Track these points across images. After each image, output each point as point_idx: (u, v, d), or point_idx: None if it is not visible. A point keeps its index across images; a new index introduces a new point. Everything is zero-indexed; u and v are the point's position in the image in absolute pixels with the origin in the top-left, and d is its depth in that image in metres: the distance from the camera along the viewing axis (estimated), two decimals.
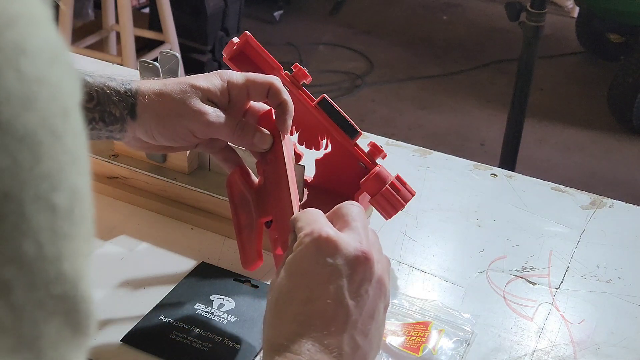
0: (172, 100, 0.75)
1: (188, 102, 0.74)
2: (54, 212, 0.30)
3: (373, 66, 3.43)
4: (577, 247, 0.91)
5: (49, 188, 0.29)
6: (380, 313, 0.60)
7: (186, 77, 0.77)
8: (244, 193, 0.78)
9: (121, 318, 0.77)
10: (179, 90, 0.75)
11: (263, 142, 0.76)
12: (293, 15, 3.88)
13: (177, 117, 0.75)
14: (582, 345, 0.77)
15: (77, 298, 0.31)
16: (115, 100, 0.75)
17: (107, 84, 0.75)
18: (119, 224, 0.92)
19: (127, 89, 0.75)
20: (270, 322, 0.59)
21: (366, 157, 0.87)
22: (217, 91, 0.76)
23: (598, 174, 2.74)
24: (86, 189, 0.32)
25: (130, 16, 2.51)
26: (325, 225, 0.60)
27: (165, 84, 0.76)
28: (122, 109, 0.75)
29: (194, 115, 0.74)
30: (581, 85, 3.33)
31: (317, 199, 0.91)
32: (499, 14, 3.49)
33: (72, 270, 0.31)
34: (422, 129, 2.99)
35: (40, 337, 0.30)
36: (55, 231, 0.30)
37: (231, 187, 0.79)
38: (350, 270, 0.58)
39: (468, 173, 1.05)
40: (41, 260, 0.29)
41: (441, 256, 0.89)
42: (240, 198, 0.78)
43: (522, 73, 2.15)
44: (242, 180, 0.78)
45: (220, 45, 3.02)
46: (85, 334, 0.33)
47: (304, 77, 0.87)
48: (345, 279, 0.57)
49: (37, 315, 0.29)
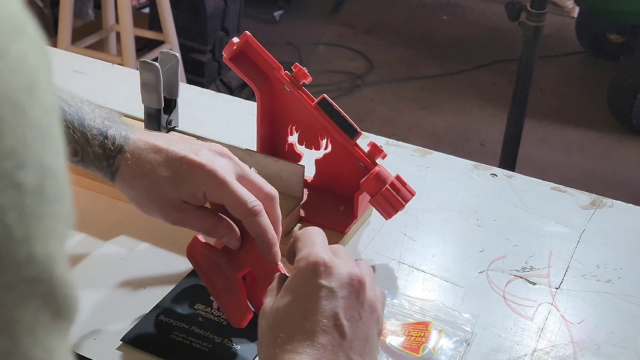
0: (145, 197, 0.74)
1: (160, 206, 0.74)
2: (20, 190, 0.28)
3: (373, 66, 3.43)
4: (577, 247, 0.91)
5: (13, 165, 0.28)
6: (375, 337, 0.62)
7: (162, 176, 0.72)
8: (210, 258, 0.74)
9: (121, 318, 0.77)
10: (153, 190, 0.73)
11: (231, 244, 0.74)
12: (293, 15, 3.88)
13: (148, 209, 0.75)
14: (582, 345, 0.77)
15: (52, 281, 0.30)
16: (98, 167, 0.74)
17: (94, 148, 0.73)
18: (119, 224, 0.92)
19: (109, 163, 0.73)
20: (267, 343, 0.59)
21: (366, 157, 0.87)
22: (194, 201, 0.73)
23: (598, 174, 2.74)
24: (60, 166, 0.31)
25: (130, 16, 2.51)
26: (322, 249, 0.62)
27: (143, 173, 0.73)
28: (103, 175, 0.75)
29: (165, 215, 0.74)
30: (581, 85, 3.33)
31: (317, 199, 0.91)
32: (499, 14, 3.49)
33: (45, 252, 0.29)
34: (422, 129, 2.99)
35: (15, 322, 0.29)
36: (23, 211, 0.28)
37: (194, 257, 0.76)
38: (345, 292, 0.60)
39: (468, 173, 1.05)
40: (9, 241, 0.28)
41: (441, 256, 0.89)
42: (207, 264, 0.74)
43: (522, 73, 2.15)
44: (204, 246, 0.75)
45: (220, 45, 3.02)
46: (66, 318, 0.31)
47: (304, 77, 0.87)
48: (340, 301, 0.59)
49: (8, 299, 0.28)
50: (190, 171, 0.72)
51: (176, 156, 0.72)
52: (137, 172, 0.73)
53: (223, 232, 0.73)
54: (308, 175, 0.92)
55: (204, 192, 0.72)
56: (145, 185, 0.73)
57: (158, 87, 0.90)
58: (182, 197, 0.72)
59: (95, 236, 0.89)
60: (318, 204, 0.91)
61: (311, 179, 0.93)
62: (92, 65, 1.28)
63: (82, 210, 0.94)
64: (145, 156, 0.74)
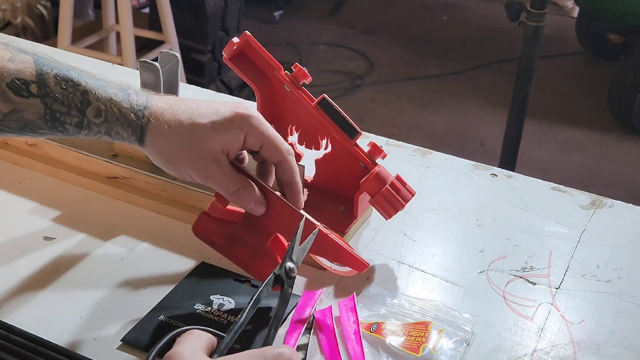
0: (180, 147, 0.73)
1: (196, 158, 0.73)
2: None
3: (373, 66, 3.43)
4: (577, 247, 0.91)
5: None
6: None
7: (203, 123, 0.73)
8: (226, 233, 0.74)
9: (121, 318, 0.77)
10: (192, 138, 0.72)
11: (257, 210, 0.74)
12: (293, 15, 3.88)
13: (182, 162, 0.73)
14: (582, 345, 0.77)
15: None
16: (124, 124, 0.73)
17: (118, 103, 0.73)
18: (119, 224, 0.92)
19: (137, 116, 0.73)
20: None
21: (366, 157, 0.87)
22: (231, 151, 0.73)
23: (598, 174, 2.74)
24: None
25: (130, 16, 2.51)
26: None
27: (181, 121, 0.73)
28: (129, 134, 0.74)
29: (198, 169, 0.73)
30: (581, 85, 3.33)
31: (317, 199, 0.91)
32: (499, 14, 3.49)
33: None
34: (422, 129, 2.99)
35: None
36: None
37: (204, 235, 0.76)
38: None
39: (468, 173, 1.05)
40: None
41: (441, 256, 0.89)
42: (224, 239, 0.75)
43: (522, 73, 2.16)
44: (217, 222, 0.75)
45: (220, 45, 3.02)
46: None
47: (304, 77, 0.87)
48: None
49: None
50: (230, 116, 0.73)
51: (214, 105, 0.74)
52: (172, 121, 0.73)
53: (251, 197, 0.74)
54: (308, 175, 0.92)
55: (245, 134, 0.73)
56: (183, 135, 0.72)
57: (158, 87, 0.90)
58: (222, 143, 0.72)
59: (95, 236, 0.89)
60: (318, 204, 0.91)
61: (311, 179, 0.93)
62: (92, 66, 1.28)
63: (82, 210, 0.94)
64: (180, 107, 0.74)
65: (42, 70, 0.71)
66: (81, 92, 0.72)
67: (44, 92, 0.71)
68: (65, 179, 0.99)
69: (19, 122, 0.71)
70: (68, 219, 0.92)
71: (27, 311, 0.78)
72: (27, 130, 0.73)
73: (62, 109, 0.71)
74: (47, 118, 0.72)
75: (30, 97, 0.70)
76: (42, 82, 0.71)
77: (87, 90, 0.72)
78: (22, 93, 0.70)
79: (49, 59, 0.73)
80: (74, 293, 0.81)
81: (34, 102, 0.71)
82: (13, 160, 1.02)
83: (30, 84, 0.70)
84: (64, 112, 0.72)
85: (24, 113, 0.71)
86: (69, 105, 0.72)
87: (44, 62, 0.72)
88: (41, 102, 0.71)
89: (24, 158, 1.01)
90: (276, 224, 0.74)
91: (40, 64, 0.71)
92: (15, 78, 0.69)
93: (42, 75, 0.71)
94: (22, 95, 0.70)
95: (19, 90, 0.70)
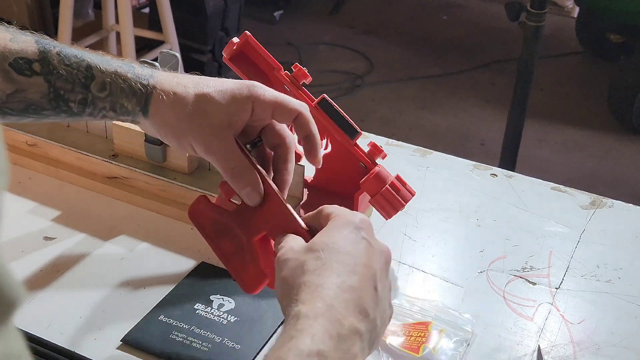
0: (184, 116, 0.71)
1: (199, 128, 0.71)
2: None
3: (373, 66, 3.43)
4: (577, 247, 0.91)
5: None
6: (385, 324, 0.60)
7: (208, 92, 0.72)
8: (218, 221, 0.72)
9: (121, 318, 0.77)
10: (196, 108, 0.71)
11: (252, 198, 0.71)
12: (293, 15, 3.88)
13: (184, 132, 0.72)
14: (582, 345, 0.77)
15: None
16: (129, 94, 0.72)
17: (124, 75, 0.72)
18: (119, 224, 0.92)
19: (143, 84, 0.72)
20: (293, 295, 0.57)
21: (366, 157, 0.87)
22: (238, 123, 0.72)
23: (598, 174, 2.74)
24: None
25: (130, 16, 2.51)
26: None
27: (187, 89, 0.72)
28: (134, 104, 0.73)
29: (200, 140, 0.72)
30: (581, 85, 3.33)
31: (317, 199, 0.91)
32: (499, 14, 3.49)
33: None
34: (422, 129, 2.99)
35: None
36: None
37: (197, 219, 0.73)
38: (382, 261, 0.60)
39: (468, 173, 1.05)
40: None
41: (441, 256, 0.89)
42: (213, 226, 0.72)
43: (522, 73, 2.15)
44: (212, 208, 0.73)
45: (220, 45, 3.02)
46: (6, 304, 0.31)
47: (304, 77, 0.87)
48: (379, 264, 0.60)
49: None
50: (236, 86, 0.72)
51: (219, 79, 0.74)
52: (178, 88, 0.72)
53: (248, 179, 0.71)
54: (308, 175, 0.92)
55: (252, 103, 0.71)
56: (188, 103, 0.71)
57: None
58: (229, 115, 0.71)
59: (95, 236, 0.89)
60: (318, 204, 0.90)
61: (311, 179, 0.93)
62: None
63: (82, 210, 0.94)
64: (185, 78, 0.73)
65: (44, 48, 0.71)
66: (85, 67, 0.72)
67: (47, 70, 0.70)
68: (65, 179, 0.99)
69: (22, 103, 0.71)
70: (68, 219, 0.92)
71: (27, 311, 0.78)
72: (31, 112, 0.72)
73: (66, 85, 0.71)
74: (51, 97, 0.71)
75: (33, 75, 0.70)
76: (45, 60, 0.70)
77: (91, 65, 0.72)
78: (25, 72, 0.70)
79: (50, 39, 0.73)
80: (74, 293, 0.81)
81: (37, 81, 0.70)
82: (13, 160, 1.02)
83: (33, 62, 0.70)
84: (67, 89, 0.71)
85: (27, 93, 0.70)
86: (73, 82, 0.71)
87: (45, 41, 0.72)
88: (44, 80, 0.70)
89: (24, 158, 1.01)
90: (267, 222, 0.70)
91: (42, 43, 0.71)
92: (17, 57, 0.69)
93: (44, 53, 0.71)
94: (25, 74, 0.70)
95: (22, 69, 0.69)
